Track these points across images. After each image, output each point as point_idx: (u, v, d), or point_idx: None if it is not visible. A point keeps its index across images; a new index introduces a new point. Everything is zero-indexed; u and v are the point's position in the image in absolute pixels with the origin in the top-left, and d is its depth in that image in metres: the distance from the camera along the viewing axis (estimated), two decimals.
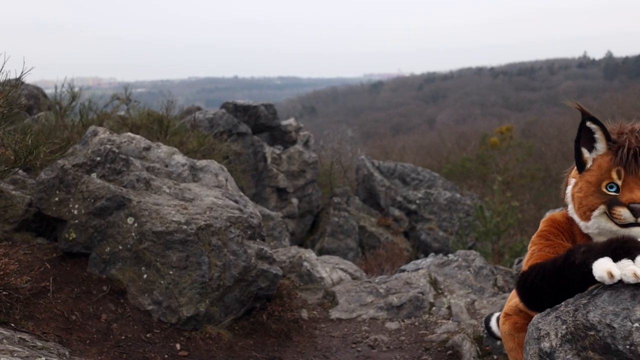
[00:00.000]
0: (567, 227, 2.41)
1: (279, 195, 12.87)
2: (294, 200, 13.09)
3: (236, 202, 4.68)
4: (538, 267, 2.21)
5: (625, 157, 2.17)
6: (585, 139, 2.31)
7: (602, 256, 1.93)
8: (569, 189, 2.38)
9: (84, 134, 4.91)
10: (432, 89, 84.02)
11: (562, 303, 2.06)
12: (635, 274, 1.85)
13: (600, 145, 2.28)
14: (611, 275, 1.87)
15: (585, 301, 1.94)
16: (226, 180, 5.01)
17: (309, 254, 5.83)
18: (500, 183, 14.00)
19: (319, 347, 4.45)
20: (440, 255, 6.76)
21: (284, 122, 13.81)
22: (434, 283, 5.66)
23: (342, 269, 6.26)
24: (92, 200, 4.01)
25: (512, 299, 2.70)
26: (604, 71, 73.12)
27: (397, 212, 15.55)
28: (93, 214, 4.00)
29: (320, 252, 12.58)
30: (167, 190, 4.39)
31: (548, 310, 2.10)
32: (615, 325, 1.79)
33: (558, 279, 2.11)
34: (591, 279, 1.94)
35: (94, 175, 4.18)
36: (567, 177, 2.48)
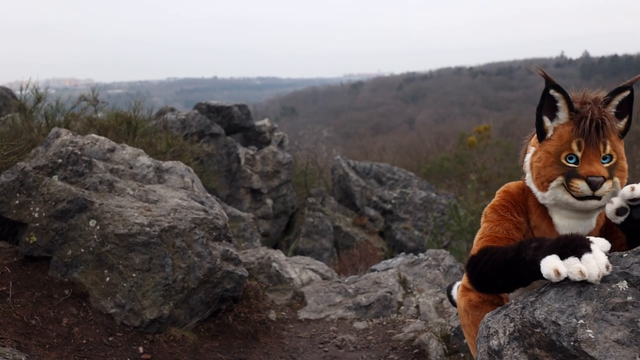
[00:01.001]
0: (521, 199, 2.38)
1: (253, 196, 12.83)
2: (269, 201, 13.05)
3: (202, 203, 4.65)
4: (488, 257, 2.17)
5: (587, 129, 2.12)
6: (547, 107, 2.24)
7: (550, 254, 1.93)
8: (528, 157, 2.34)
9: None
10: (411, 89, 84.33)
11: (512, 301, 2.07)
12: (581, 271, 1.86)
13: (562, 115, 2.22)
14: (557, 273, 1.88)
15: (533, 299, 1.95)
16: (192, 181, 4.97)
17: (278, 255, 5.82)
18: (475, 182, 14.06)
19: (286, 347, 4.43)
20: (411, 254, 6.79)
21: (258, 123, 13.76)
22: (403, 282, 5.67)
23: (312, 270, 6.26)
24: (53, 203, 3.96)
25: None
26: (581, 71, 73.84)
27: (372, 212, 15.58)
28: (54, 217, 3.95)
29: (295, 253, 12.56)
30: (131, 192, 4.35)
31: (499, 308, 2.10)
32: (561, 322, 1.79)
33: (508, 272, 2.10)
34: (540, 276, 1.95)
35: (55, 177, 4.13)
36: (527, 144, 2.42)
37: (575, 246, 1.91)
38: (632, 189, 2.05)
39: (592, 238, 1.98)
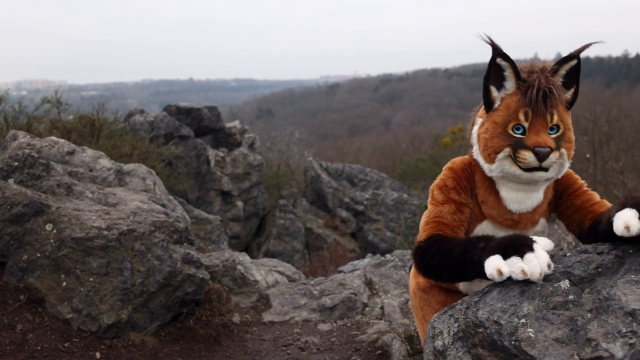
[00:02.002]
0: (466, 175, 2.34)
1: (224, 198, 12.76)
2: (239, 203, 13.00)
3: (163, 206, 4.60)
4: (435, 250, 2.16)
5: (533, 98, 2.08)
6: (494, 76, 2.20)
7: (493, 254, 1.94)
8: (475, 129, 2.30)
9: None
10: (387, 91, 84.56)
11: (459, 301, 2.07)
12: (523, 271, 1.87)
13: (510, 84, 2.18)
14: (500, 273, 1.89)
15: (477, 299, 1.96)
16: (154, 184, 4.93)
17: (243, 258, 5.79)
18: None
19: (249, 351, 4.40)
20: (378, 255, 6.80)
21: (229, 125, 13.69)
22: (369, 283, 5.67)
23: (279, 272, 6.23)
24: (8, 207, 3.89)
25: None
26: None
27: (344, 214, 15.60)
28: (9, 221, 3.87)
29: (266, 255, 12.53)
30: (90, 196, 4.29)
31: (445, 308, 2.11)
32: (502, 322, 1.80)
33: (455, 270, 2.10)
34: (486, 276, 1.95)
35: (10, 180, 4.06)
36: (474, 116, 2.39)
37: (517, 246, 1.92)
38: (627, 228, 1.85)
39: (535, 237, 1.99)
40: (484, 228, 2.31)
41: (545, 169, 2.09)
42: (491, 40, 2.17)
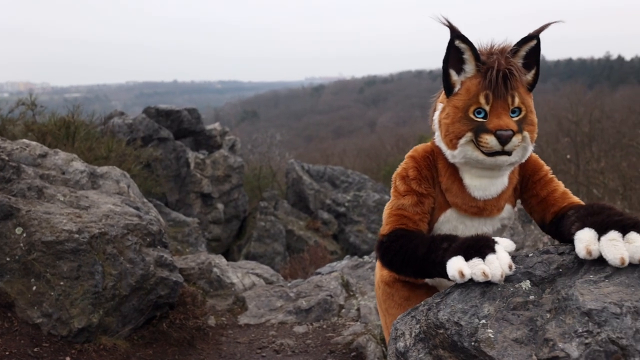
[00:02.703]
0: (428, 164, 2.29)
1: (204, 200, 12.71)
2: (220, 206, 12.95)
3: (137, 208, 4.57)
4: (398, 247, 2.15)
5: (493, 80, 2.03)
6: (453, 59, 2.13)
7: (455, 255, 1.94)
8: (436, 115, 2.24)
9: None
10: (372, 92, 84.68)
11: (422, 302, 2.07)
12: (484, 272, 1.87)
13: (469, 67, 2.11)
14: (462, 275, 1.89)
15: (438, 300, 1.96)
16: (128, 186, 4.89)
17: (219, 260, 5.77)
18: None
19: (223, 353, 4.39)
20: (355, 257, 6.80)
21: (209, 127, 13.65)
22: (346, 285, 5.67)
23: (256, 274, 6.22)
24: None
25: None
26: None
27: (325, 215, 15.60)
28: None
29: (246, 257, 12.50)
30: (62, 199, 4.25)
31: (409, 310, 2.11)
32: (463, 323, 1.80)
33: (419, 268, 2.11)
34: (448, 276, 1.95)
35: None
36: (435, 102, 2.33)
37: (479, 247, 1.92)
38: (589, 253, 1.83)
39: (497, 238, 1.99)
40: (449, 216, 2.28)
41: (509, 153, 2.05)
42: (449, 22, 2.10)
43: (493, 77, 2.02)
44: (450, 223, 2.28)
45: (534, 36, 2.10)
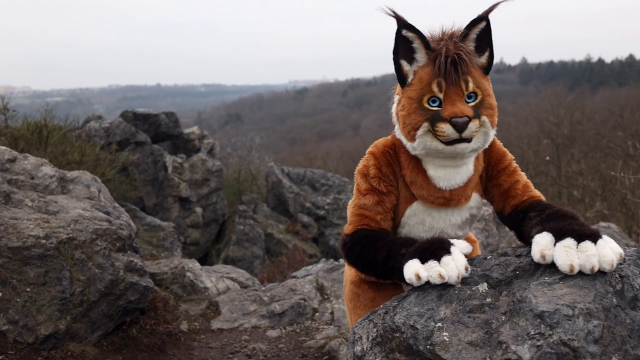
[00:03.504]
0: (388, 159, 2.24)
1: (182, 204, 12.64)
2: (198, 210, 12.89)
3: (107, 213, 4.53)
4: (360, 249, 2.15)
5: (443, 67, 1.97)
6: (403, 49, 2.08)
7: (412, 259, 1.93)
8: (394, 107, 2.20)
9: None
10: (356, 95, 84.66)
11: (381, 305, 2.06)
12: (440, 274, 1.87)
13: (420, 56, 2.06)
14: (418, 278, 1.88)
15: (395, 303, 1.96)
16: (99, 191, 4.85)
17: (193, 264, 5.73)
18: None
19: (195, 358, 4.36)
20: (331, 260, 6.79)
21: (187, 130, 13.58)
22: (320, 288, 5.66)
23: (231, 278, 6.19)
24: None
25: None
26: (520, 76, 75.44)
27: (305, 218, 15.58)
28: None
29: (225, 261, 12.45)
30: (30, 204, 4.20)
31: (368, 313, 2.10)
32: (418, 326, 1.80)
33: (380, 272, 2.11)
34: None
35: None
36: (393, 94, 2.29)
37: (434, 249, 1.92)
38: (543, 257, 1.84)
39: (453, 240, 1.99)
40: (415, 209, 2.22)
41: (468, 140, 2.00)
42: (394, 12, 2.04)
43: (442, 63, 1.97)
44: (417, 216, 2.23)
45: (483, 18, 2.04)
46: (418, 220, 2.23)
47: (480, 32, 2.05)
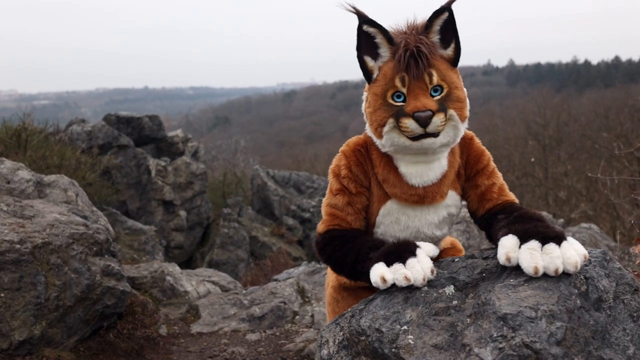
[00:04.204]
0: (359, 158, 2.20)
1: (166, 208, 12.58)
2: (182, 213, 12.83)
3: (85, 217, 4.50)
4: (331, 250, 2.15)
5: (403, 60, 1.93)
6: (366, 45, 2.04)
7: (377, 262, 1.93)
8: (363, 105, 2.15)
9: None
10: (344, 97, 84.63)
11: (348, 309, 2.06)
12: (406, 277, 1.86)
13: (384, 51, 2.03)
14: (384, 280, 1.88)
15: (362, 307, 1.96)
16: (77, 195, 4.82)
17: (173, 268, 5.70)
18: None
19: None
20: (313, 263, 6.78)
21: (171, 134, 13.52)
22: (301, 291, 5.65)
23: (213, 282, 6.16)
24: None
25: None
26: (507, 78, 75.74)
27: (291, 221, 15.56)
28: None
29: (210, 265, 12.40)
30: (5, 208, 4.16)
31: (337, 317, 2.10)
32: (384, 330, 1.80)
33: (350, 274, 2.12)
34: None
35: None
36: (364, 92, 2.21)
37: (399, 252, 1.92)
38: (508, 259, 1.84)
39: (419, 243, 1.99)
40: (389, 208, 2.17)
41: (434, 135, 1.96)
42: (354, 7, 2.01)
43: (402, 57, 1.94)
44: (392, 215, 2.17)
45: (445, 8, 1.99)
46: (393, 220, 2.18)
47: (443, 23, 2.00)
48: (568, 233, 6.80)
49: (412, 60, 1.93)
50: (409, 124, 1.93)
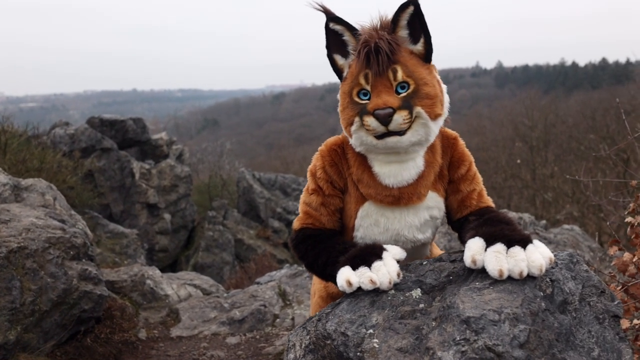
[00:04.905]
0: (335, 158, 2.15)
1: (150, 211, 12.50)
2: (167, 216, 12.76)
3: (62, 221, 4.47)
4: (304, 250, 2.15)
5: (363, 56, 1.88)
6: (334, 43, 2.01)
7: (344, 266, 1.92)
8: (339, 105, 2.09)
9: None
10: (333, 99, 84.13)
11: (316, 313, 2.05)
12: (371, 280, 1.86)
13: (352, 48, 1.99)
14: (349, 284, 1.87)
15: (329, 310, 1.95)
16: (54, 199, 4.78)
17: (153, 272, 5.67)
18: None
19: None
20: (295, 265, 6.76)
21: (155, 136, 13.43)
22: (282, 294, 5.63)
23: (194, 285, 6.14)
24: None
25: None
26: (495, 80, 76.00)
27: (276, 224, 15.53)
28: None
29: (194, 268, 12.36)
30: None
31: (305, 321, 2.09)
32: (349, 333, 1.79)
33: (322, 277, 2.14)
34: None
35: None
36: None
37: (365, 256, 1.91)
38: (474, 262, 1.83)
39: (386, 246, 1.98)
40: (367, 210, 2.10)
41: (399, 133, 1.90)
42: (321, 5, 1.98)
43: (362, 53, 1.90)
44: (371, 217, 2.10)
45: (410, 2, 1.91)
46: (372, 222, 2.11)
47: (410, 17, 1.93)
48: (550, 234, 6.82)
49: (372, 57, 1.88)
50: (370, 122, 1.88)
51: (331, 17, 1.99)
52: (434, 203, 2.12)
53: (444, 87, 2.04)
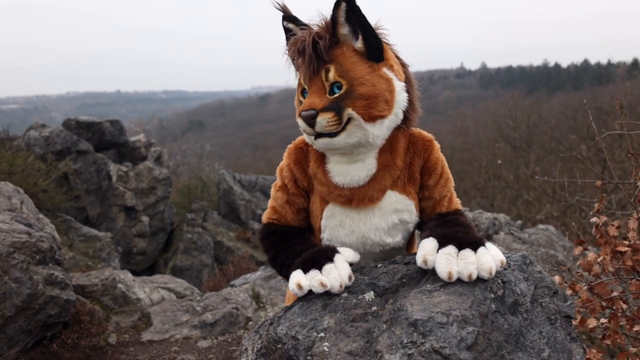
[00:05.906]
0: (299, 156, 2.13)
1: (127, 213, 12.39)
2: (145, 219, 12.66)
3: (29, 225, 4.41)
4: (268, 245, 2.15)
5: (292, 55, 1.87)
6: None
7: (296, 269, 1.91)
8: None
9: None
10: None
11: (269, 318, 2.03)
12: (322, 283, 1.84)
13: None
14: (300, 287, 1.85)
15: (281, 314, 1.93)
16: (21, 203, 4.72)
17: (125, 275, 5.62)
18: None
19: None
20: (270, 268, 6.73)
21: (133, 138, 13.32)
22: (256, 297, 5.61)
23: (168, 288, 6.09)
24: None
25: None
26: (480, 80, 76.51)
27: (257, 225, 15.46)
28: None
29: (173, 270, 12.27)
30: None
31: (259, 325, 2.06)
32: (300, 337, 1.77)
33: (281, 275, 2.10)
34: None
35: None
36: None
37: (316, 258, 1.90)
38: (425, 262, 1.82)
39: (340, 248, 1.96)
40: (332, 210, 2.05)
41: (330, 135, 1.85)
42: (279, 3, 1.95)
43: (290, 52, 1.89)
44: (336, 218, 2.05)
45: None
46: (337, 222, 2.05)
47: (346, 14, 1.85)
48: (525, 234, 6.84)
49: (299, 57, 1.86)
50: (300, 123, 1.88)
51: (285, 16, 1.97)
52: (402, 206, 2.05)
53: (399, 84, 1.93)
